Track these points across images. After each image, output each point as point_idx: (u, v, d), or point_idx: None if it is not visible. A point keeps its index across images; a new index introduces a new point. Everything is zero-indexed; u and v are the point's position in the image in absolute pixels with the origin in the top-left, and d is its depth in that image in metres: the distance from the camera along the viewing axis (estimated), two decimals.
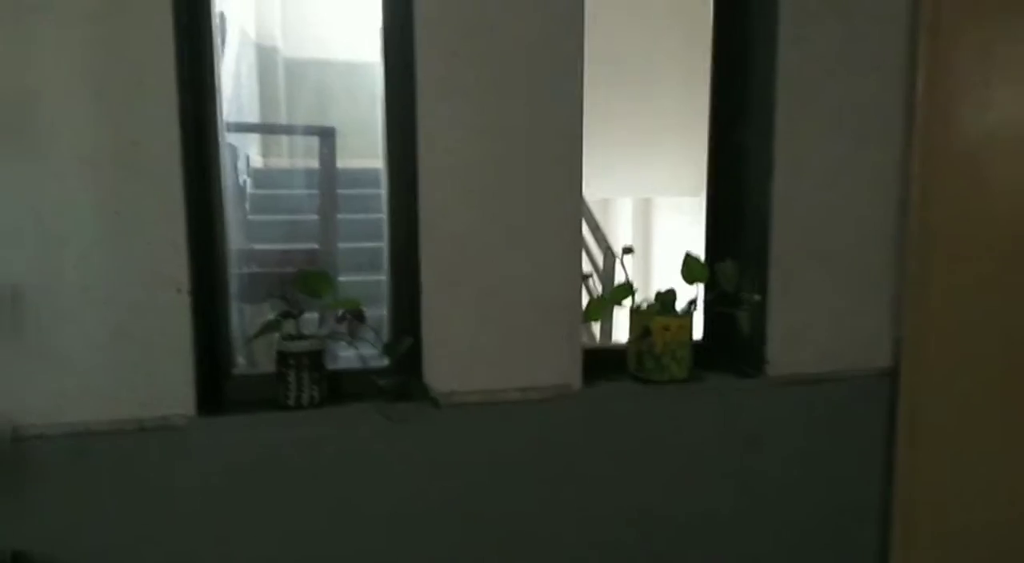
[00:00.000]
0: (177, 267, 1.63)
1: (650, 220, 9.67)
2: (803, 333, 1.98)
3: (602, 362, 2.03)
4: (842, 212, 1.96)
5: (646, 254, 9.24)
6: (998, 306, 2.07)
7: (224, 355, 1.81)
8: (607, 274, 4.58)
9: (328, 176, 3.28)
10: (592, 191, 7.23)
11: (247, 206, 5.07)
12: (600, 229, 4.88)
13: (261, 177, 5.60)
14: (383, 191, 1.83)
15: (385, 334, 1.87)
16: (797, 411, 2.01)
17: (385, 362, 1.84)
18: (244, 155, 5.42)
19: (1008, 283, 2.07)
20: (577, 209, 1.82)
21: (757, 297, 1.91)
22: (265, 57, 6.87)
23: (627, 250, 2.06)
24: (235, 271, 1.89)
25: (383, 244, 1.91)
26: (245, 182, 5.35)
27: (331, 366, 1.83)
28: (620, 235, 9.83)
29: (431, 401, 1.72)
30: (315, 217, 3.39)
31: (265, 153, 6.17)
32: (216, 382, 1.80)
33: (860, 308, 2.00)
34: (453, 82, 1.71)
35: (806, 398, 2.01)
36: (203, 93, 1.74)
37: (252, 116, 6.05)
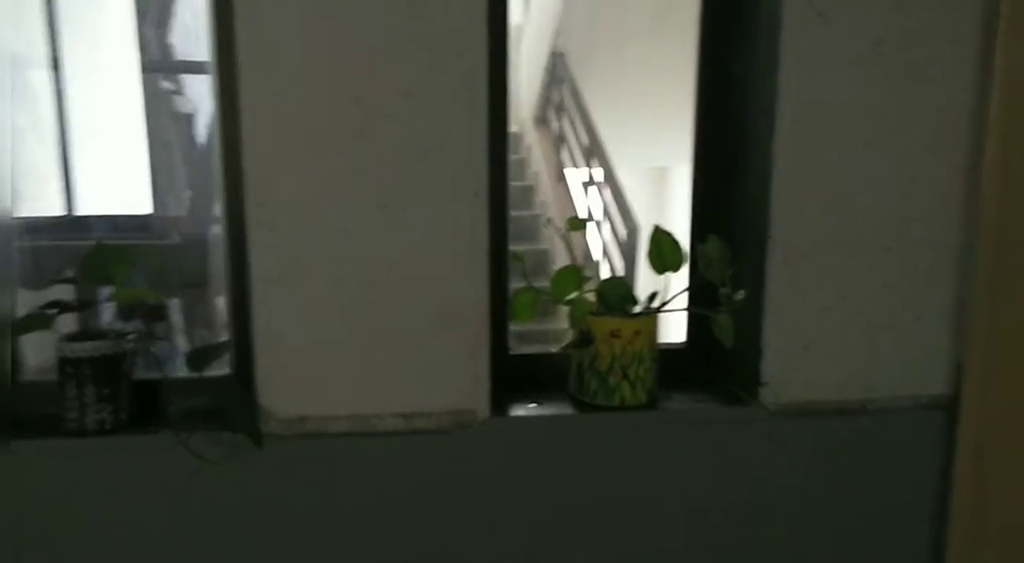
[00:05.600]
0: None
1: None
2: (817, 346, 1.38)
3: (539, 375, 1.49)
4: (880, 179, 1.35)
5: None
6: None
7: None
8: (629, 252, 3.98)
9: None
10: (642, 159, 6.59)
11: None
12: (623, 196, 4.26)
13: None
14: (215, 138, 1.31)
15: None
16: (809, 456, 1.43)
17: (225, 371, 1.35)
18: None
19: None
20: (482, 156, 1.26)
21: (739, 294, 1.32)
22: None
23: (578, 222, 1.50)
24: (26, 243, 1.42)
25: None
26: None
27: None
28: (675, 208, 9.12)
29: (252, 435, 1.21)
30: None
31: None
32: None
33: (905, 315, 1.39)
34: None
35: (823, 436, 1.42)
36: None
37: None
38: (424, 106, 1.23)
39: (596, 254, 4.96)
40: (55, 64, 3.33)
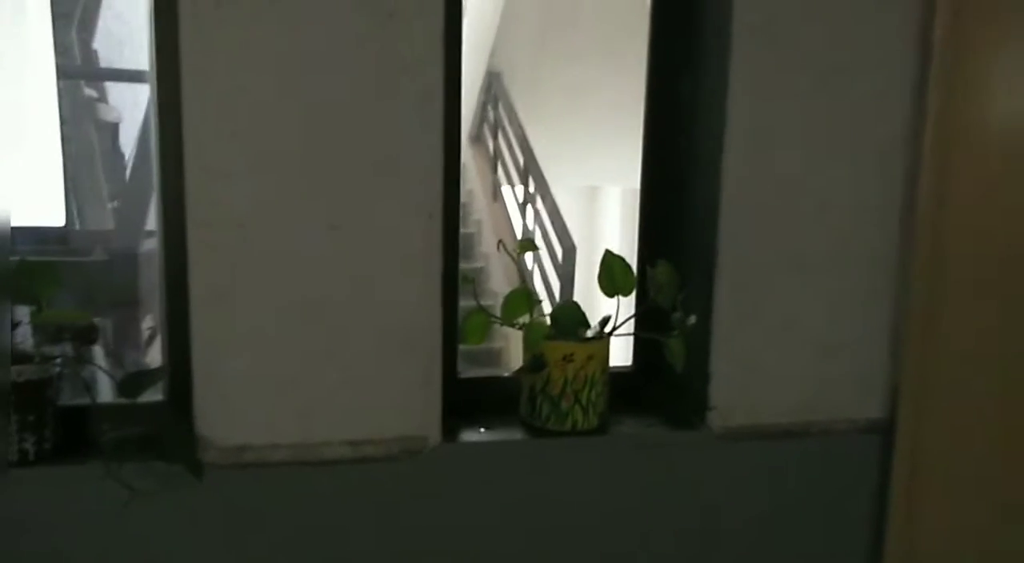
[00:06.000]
0: None
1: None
2: (763, 371, 1.41)
3: (490, 400, 1.46)
4: (825, 205, 1.39)
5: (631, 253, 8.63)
6: None
7: None
8: (565, 272, 4.01)
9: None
10: (576, 178, 6.64)
11: None
12: (559, 215, 4.30)
13: None
14: (153, 151, 1.25)
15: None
16: (753, 476, 1.45)
17: (159, 397, 1.28)
18: None
19: None
20: (437, 177, 1.24)
21: (691, 319, 1.34)
22: None
23: (529, 244, 1.48)
24: None
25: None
26: None
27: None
28: (606, 228, 9.25)
29: (190, 465, 1.15)
30: None
31: None
32: None
33: (844, 340, 1.43)
34: None
35: (767, 458, 1.44)
36: None
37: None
38: (377, 124, 1.20)
39: (531, 273, 4.97)
40: None
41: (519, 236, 5.00)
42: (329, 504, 1.27)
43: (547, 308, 1.44)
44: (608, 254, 1.41)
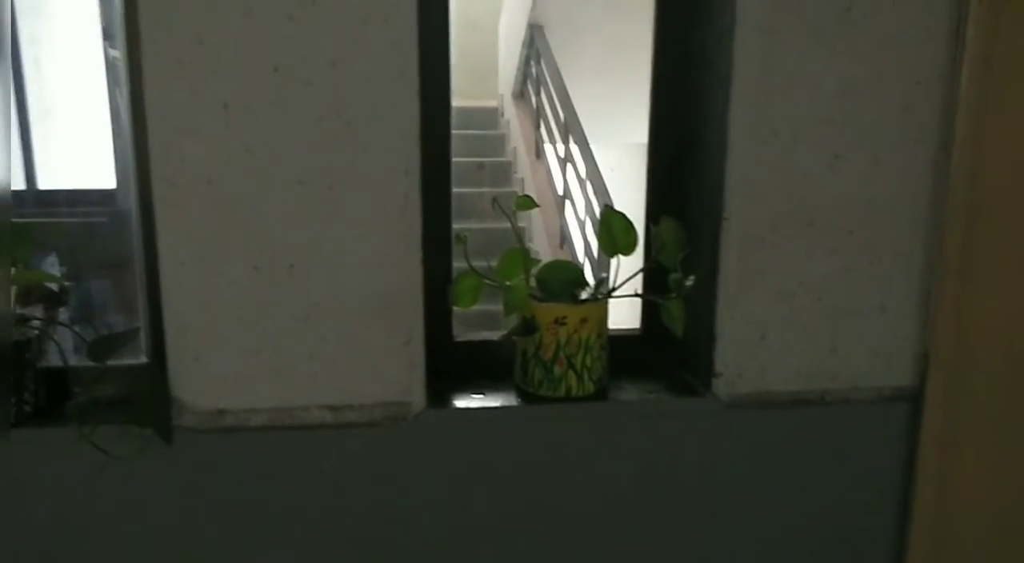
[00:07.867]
0: None
1: None
2: (776, 335, 1.31)
3: (490, 364, 1.40)
4: (846, 156, 1.26)
5: None
6: None
7: None
8: None
9: None
10: (622, 135, 6.46)
11: None
12: (599, 175, 4.16)
13: None
14: (123, 101, 1.21)
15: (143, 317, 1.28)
16: (764, 447, 1.35)
17: (142, 360, 1.26)
18: None
19: None
20: (413, 131, 1.16)
21: (689, 279, 1.24)
22: None
23: (527, 202, 1.40)
24: None
25: None
26: None
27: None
28: None
29: (160, 429, 1.12)
30: None
31: None
32: None
33: (868, 303, 1.31)
34: None
35: (780, 430, 1.35)
36: None
37: None
38: (349, 75, 1.13)
39: (574, 235, 4.87)
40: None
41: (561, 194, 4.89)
42: (310, 471, 1.24)
43: None
44: (607, 210, 1.33)
